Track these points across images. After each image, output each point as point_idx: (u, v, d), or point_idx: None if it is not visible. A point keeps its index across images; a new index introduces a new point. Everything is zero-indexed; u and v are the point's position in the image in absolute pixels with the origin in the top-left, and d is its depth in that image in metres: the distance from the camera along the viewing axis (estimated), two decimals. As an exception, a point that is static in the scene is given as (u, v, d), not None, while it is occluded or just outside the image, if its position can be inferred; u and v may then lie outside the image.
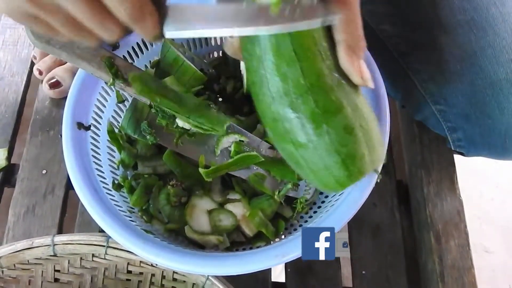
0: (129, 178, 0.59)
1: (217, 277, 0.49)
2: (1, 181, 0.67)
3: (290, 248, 0.45)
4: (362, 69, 0.38)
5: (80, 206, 0.64)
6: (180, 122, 0.54)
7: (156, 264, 0.52)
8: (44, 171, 0.66)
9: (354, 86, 0.41)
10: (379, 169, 0.49)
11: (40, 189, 0.65)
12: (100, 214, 0.47)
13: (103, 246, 0.50)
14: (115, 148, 0.60)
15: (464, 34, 0.55)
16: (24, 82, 0.75)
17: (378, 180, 0.49)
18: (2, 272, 0.52)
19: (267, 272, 0.60)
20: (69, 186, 0.66)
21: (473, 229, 1.28)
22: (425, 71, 0.58)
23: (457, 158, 0.64)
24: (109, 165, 0.58)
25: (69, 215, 0.66)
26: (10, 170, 0.68)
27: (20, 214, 0.63)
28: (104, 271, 0.54)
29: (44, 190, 0.65)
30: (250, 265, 0.45)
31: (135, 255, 0.50)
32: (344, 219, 0.48)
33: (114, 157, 0.60)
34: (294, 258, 0.45)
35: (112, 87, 0.55)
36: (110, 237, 0.49)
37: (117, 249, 0.50)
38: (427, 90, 0.59)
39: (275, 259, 0.45)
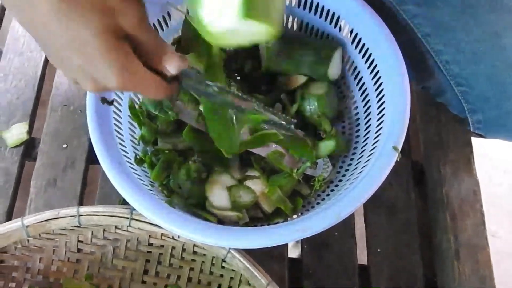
0: (149, 154, 0.60)
1: (238, 251, 0.50)
2: (22, 155, 0.68)
3: (312, 223, 0.47)
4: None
5: (101, 181, 0.65)
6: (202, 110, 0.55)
7: (178, 237, 0.53)
8: (64, 145, 0.67)
9: None
10: (399, 147, 0.50)
11: (61, 162, 0.66)
12: (124, 186, 0.48)
13: (127, 218, 0.51)
14: (136, 124, 0.61)
15: (485, 14, 0.55)
16: (43, 58, 0.76)
17: (398, 159, 0.50)
18: (28, 241, 0.53)
19: (283, 248, 0.61)
20: (89, 160, 0.67)
21: (481, 213, 1.28)
22: (448, 52, 0.58)
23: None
24: (131, 140, 0.59)
25: (89, 189, 0.67)
26: (31, 144, 0.69)
27: (42, 186, 0.65)
28: (126, 243, 0.55)
29: (64, 164, 0.66)
30: (273, 238, 0.46)
31: (158, 227, 0.52)
32: (362, 198, 0.48)
33: (135, 132, 0.60)
34: (314, 234, 0.46)
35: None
36: (134, 209, 0.50)
37: (140, 221, 0.51)
38: (449, 71, 0.59)
39: (296, 233, 0.46)
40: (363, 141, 0.60)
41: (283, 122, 0.55)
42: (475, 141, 0.67)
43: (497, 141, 0.66)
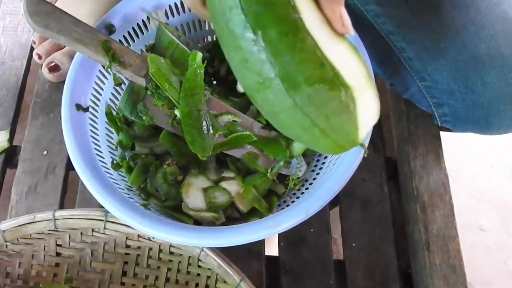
0: (127, 158, 0.61)
1: (211, 249, 0.52)
2: (3, 162, 0.69)
3: (282, 219, 0.48)
4: (343, 15, 0.37)
5: (80, 185, 0.66)
6: (179, 114, 0.56)
7: (153, 238, 0.54)
8: (45, 152, 0.69)
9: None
10: (366, 143, 0.51)
11: (42, 169, 0.67)
12: (98, 190, 0.50)
13: (102, 220, 0.52)
14: (113, 130, 0.62)
15: (447, 11, 0.57)
16: (24, 67, 0.77)
17: (365, 155, 0.52)
18: (6, 246, 0.54)
19: (261, 245, 0.62)
20: (69, 166, 0.68)
21: (469, 207, 1.30)
22: (410, 49, 0.60)
23: (452, 139, 0.65)
24: (108, 145, 0.60)
25: (69, 194, 0.68)
26: (12, 151, 0.70)
27: (23, 193, 0.66)
28: (104, 245, 0.56)
29: (45, 170, 0.67)
30: (244, 236, 0.47)
31: (133, 229, 0.53)
32: (329, 195, 0.50)
33: (112, 138, 0.62)
34: (285, 229, 0.48)
35: (109, 70, 0.58)
36: (108, 212, 0.52)
37: (116, 223, 0.52)
38: (413, 67, 0.61)
39: (268, 230, 0.47)
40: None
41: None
42: (461, 137, 0.68)
43: (481, 136, 0.67)
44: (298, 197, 0.59)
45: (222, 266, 0.51)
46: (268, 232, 0.47)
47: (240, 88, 0.63)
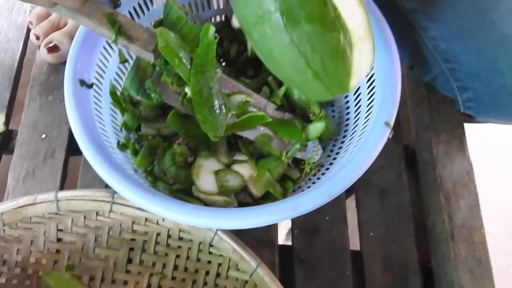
0: (132, 141, 0.58)
1: (225, 232, 0.48)
2: (-1, 147, 0.65)
3: (303, 201, 0.44)
4: None
5: (82, 170, 0.62)
6: (189, 92, 0.53)
7: (163, 220, 0.50)
8: (43, 136, 0.65)
9: None
10: (392, 123, 0.48)
11: (40, 153, 0.64)
12: (105, 168, 0.46)
13: (108, 202, 0.48)
14: (117, 111, 0.58)
15: None
16: (20, 48, 0.73)
17: (390, 136, 0.48)
18: (4, 231, 0.50)
19: (273, 234, 0.59)
20: (69, 151, 0.65)
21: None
22: (435, 28, 0.57)
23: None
24: (113, 126, 0.57)
25: (69, 180, 0.64)
26: (8, 136, 0.67)
27: (20, 177, 0.62)
28: (109, 230, 0.52)
29: (44, 154, 0.63)
30: (262, 218, 0.44)
31: (142, 211, 0.49)
32: (354, 176, 0.47)
33: (116, 119, 0.58)
34: (307, 212, 0.44)
35: (114, 45, 0.54)
36: (115, 193, 0.48)
37: (123, 205, 0.49)
38: (437, 48, 0.58)
39: (288, 211, 0.44)
40: (354, 123, 0.58)
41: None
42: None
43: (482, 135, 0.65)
44: (314, 183, 0.56)
45: (238, 250, 0.47)
46: (288, 214, 0.44)
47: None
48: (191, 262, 0.52)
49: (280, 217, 0.44)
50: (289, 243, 0.60)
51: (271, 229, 0.59)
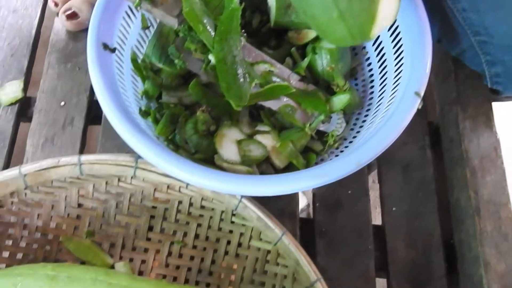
0: (153, 109, 0.57)
1: (250, 200, 0.47)
2: (17, 114, 0.64)
3: (331, 169, 0.44)
4: None
5: (101, 138, 0.61)
6: (213, 59, 0.52)
7: (187, 186, 0.50)
8: (62, 103, 0.64)
9: None
10: (422, 92, 0.47)
11: (59, 120, 0.63)
12: (130, 131, 0.45)
13: (132, 167, 0.48)
14: (138, 79, 0.58)
15: None
16: (38, 15, 0.72)
17: (420, 107, 0.47)
18: (25, 194, 0.49)
19: (295, 206, 0.58)
20: (88, 119, 0.64)
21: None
22: (465, -1, 0.55)
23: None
24: (134, 93, 0.56)
25: (88, 149, 0.64)
26: (26, 103, 0.66)
27: (39, 144, 0.61)
28: (130, 197, 0.52)
29: (63, 122, 0.63)
30: (291, 184, 0.43)
31: (165, 177, 0.48)
32: (384, 144, 0.46)
33: (137, 87, 0.57)
34: (332, 181, 0.43)
35: (137, 9, 0.53)
36: (139, 157, 0.47)
37: (146, 170, 0.48)
38: (467, 20, 0.56)
39: (315, 179, 0.43)
40: (379, 96, 0.57)
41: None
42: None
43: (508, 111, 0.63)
44: (337, 155, 0.55)
45: (262, 218, 0.46)
46: (317, 181, 0.43)
47: None
48: (213, 231, 0.52)
49: (309, 184, 0.43)
50: (304, 216, 0.59)
51: (293, 201, 0.58)
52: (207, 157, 0.54)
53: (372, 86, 0.60)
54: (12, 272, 0.42)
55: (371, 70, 0.61)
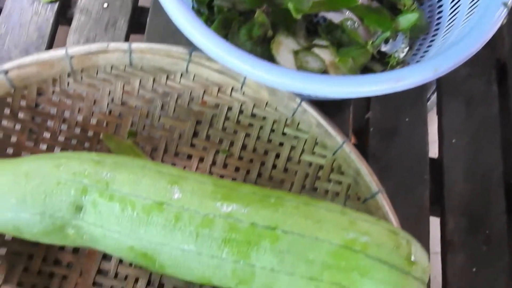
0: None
1: (309, 104, 0.44)
2: (57, 13, 0.60)
3: (406, 74, 0.39)
4: None
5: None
6: None
7: (242, 88, 0.46)
8: (105, 5, 0.60)
9: None
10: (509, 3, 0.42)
11: (101, 21, 0.59)
12: (188, 19, 0.41)
13: (185, 60, 0.44)
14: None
15: None
16: None
17: (504, 22, 0.43)
18: (68, 84, 0.46)
19: (346, 127, 0.54)
20: (131, 25, 0.60)
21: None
22: None
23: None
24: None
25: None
26: (66, 3, 0.62)
27: (80, 43, 0.58)
28: (177, 98, 0.48)
29: (105, 23, 0.59)
30: (363, 86, 0.39)
31: (219, 73, 0.45)
32: (466, 53, 0.41)
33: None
34: (409, 86, 0.39)
35: None
36: (193, 50, 0.44)
37: (200, 65, 0.44)
38: None
39: (388, 82, 0.39)
40: (449, 19, 0.53)
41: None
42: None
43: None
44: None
45: (323, 125, 0.43)
46: (391, 86, 0.39)
47: None
48: (262, 142, 0.48)
49: (382, 87, 0.39)
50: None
51: (344, 120, 0.54)
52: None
53: (440, 11, 0.56)
54: (55, 155, 0.39)
55: (440, -7, 0.56)
